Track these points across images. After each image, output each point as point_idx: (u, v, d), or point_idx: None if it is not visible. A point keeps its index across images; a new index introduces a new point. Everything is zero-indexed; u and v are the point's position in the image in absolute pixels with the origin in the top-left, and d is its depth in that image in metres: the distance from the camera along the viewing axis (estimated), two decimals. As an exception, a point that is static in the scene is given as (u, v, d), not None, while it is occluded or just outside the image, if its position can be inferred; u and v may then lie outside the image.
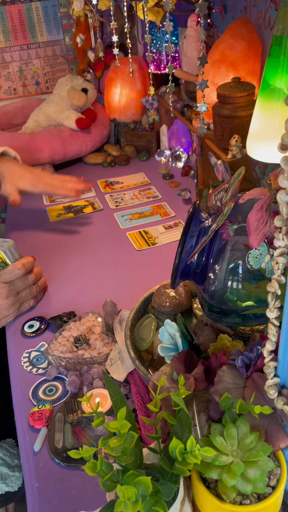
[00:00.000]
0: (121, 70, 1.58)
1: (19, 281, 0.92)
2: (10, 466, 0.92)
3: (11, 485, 0.91)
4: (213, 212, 0.64)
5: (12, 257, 0.93)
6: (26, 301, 0.95)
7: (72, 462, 0.67)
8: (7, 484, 0.91)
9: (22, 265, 0.92)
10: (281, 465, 0.49)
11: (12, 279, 0.91)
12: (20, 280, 0.92)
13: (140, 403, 0.71)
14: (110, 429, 0.45)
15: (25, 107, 1.70)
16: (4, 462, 0.92)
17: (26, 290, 0.94)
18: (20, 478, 0.92)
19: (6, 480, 0.91)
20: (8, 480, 0.91)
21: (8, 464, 0.92)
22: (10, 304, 0.91)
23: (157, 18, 1.10)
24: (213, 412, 0.52)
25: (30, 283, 0.94)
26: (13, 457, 0.94)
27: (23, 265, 0.92)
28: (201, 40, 0.57)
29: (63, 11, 1.73)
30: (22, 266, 0.92)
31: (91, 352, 0.82)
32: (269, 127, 0.75)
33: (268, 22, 1.07)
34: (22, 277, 0.92)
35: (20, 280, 0.92)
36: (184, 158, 1.47)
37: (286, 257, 0.43)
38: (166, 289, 0.79)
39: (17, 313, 0.94)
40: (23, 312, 0.96)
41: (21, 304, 0.94)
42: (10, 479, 0.91)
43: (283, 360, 0.48)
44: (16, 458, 0.94)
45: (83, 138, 1.55)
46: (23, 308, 0.95)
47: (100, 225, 1.25)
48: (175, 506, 0.47)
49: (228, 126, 0.99)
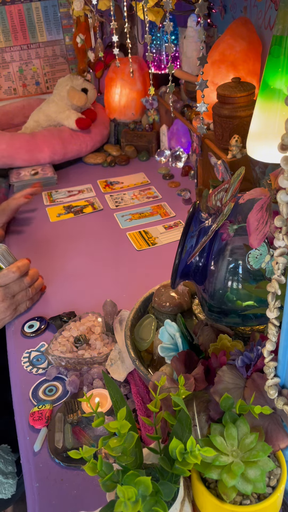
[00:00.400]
0: (121, 70, 1.58)
1: (14, 284, 0.92)
2: (3, 473, 0.91)
3: (4, 492, 0.90)
4: (213, 212, 0.64)
5: (5, 261, 0.93)
6: (22, 303, 0.96)
7: (72, 462, 0.67)
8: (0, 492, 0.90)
9: (17, 268, 0.92)
10: (281, 465, 0.49)
11: (7, 282, 0.91)
12: (15, 283, 0.93)
13: (140, 403, 0.71)
14: (110, 429, 0.45)
15: (25, 107, 1.70)
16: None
17: (22, 292, 0.95)
18: (13, 485, 0.91)
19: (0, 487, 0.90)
20: (1, 487, 0.90)
21: (2, 471, 0.91)
22: (6, 307, 0.91)
23: (157, 18, 1.10)
24: (213, 412, 0.52)
25: (25, 285, 0.95)
26: (7, 463, 0.93)
27: (17, 268, 0.93)
28: (201, 40, 0.57)
29: (63, 11, 1.73)
30: (17, 269, 0.92)
31: (91, 352, 0.82)
32: (269, 127, 0.75)
33: (268, 22, 1.07)
34: (18, 280, 0.93)
35: (15, 283, 0.93)
36: (184, 158, 1.47)
37: (286, 257, 0.43)
38: (166, 289, 0.79)
39: (13, 316, 0.94)
40: (20, 314, 0.96)
41: (17, 306, 0.95)
42: (4, 486, 0.90)
43: (283, 360, 0.48)
44: (10, 464, 0.93)
45: (83, 138, 1.55)
46: (19, 310, 0.96)
47: (100, 225, 1.25)
48: (175, 506, 0.47)
49: (228, 126, 0.99)
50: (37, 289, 0.98)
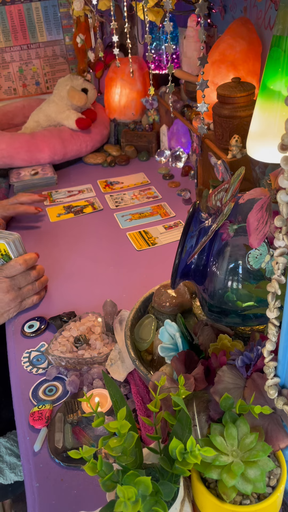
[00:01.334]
0: (121, 70, 1.58)
1: (20, 277, 0.92)
2: (18, 456, 0.92)
3: (20, 474, 0.91)
4: (213, 212, 0.64)
5: (16, 251, 0.93)
6: (29, 298, 0.95)
7: (72, 462, 0.67)
8: (16, 474, 0.90)
9: (24, 261, 0.92)
10: (281, 465, 0.49)
11: (14, 274, 0.91)
12: (21, 275, 0.92)
13: (140, 403, 0.71)
14: (110, 429, 0.45)
15: (25, 107, 1.70)
16: (12, 452, 0.92)
17: (28, 286, 0.94)
18: None
19: (15, 469, 0.90)
20: (17, 470, 0.90)
21: (16, 454, 0.92)
22: (11, 299, 0.91)
23: (157, 18, 1.10)
24: (213, 412, 0.52)
25: (32, 279, 0.94)
26: None
27: (24, 261, 0.92)
28: (201, 40, 0.57)
29: (63, 11, 1.73)
30: (23, 262, 0.92)
31: (91, 352, 0.82)
32: (269, 127, 0.75)
33: (268, 22, 1.07)
34: (24, 272, 0.93)
35: (22, 276, 0.92)
36: (184, 158, 1.47)
37: (286, 257, 0.43)
38: (166, 289, 0.79)
39: (18, 309, 0.94)
40: (26, 308, 0.96)
41: (23, 300, 0.94)
42: (19, 468, 0.91)
43: (283, 360, 0.48)
44: None
45: (83, 138, 1.55)
46: (25, 304, 0.95)
47: (100, 225, 1.25)
48: (175, 506, 0.47)
49: (228, 126, 0.99)
50: (43, 284, 0.98)
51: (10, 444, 0.93)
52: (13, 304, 0.92)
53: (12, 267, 0.91)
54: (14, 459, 0.91)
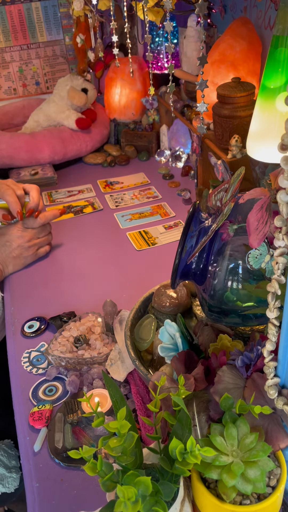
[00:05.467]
0: (121, 70, 1.58)
1: (43, 227, 1.10)
2: (7, 467, 0.92)
3: (7, 486, 0.90)
4: (213, 212, 0.64)
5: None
6: (42, 247, 1.11)
7: (72, 462, 0.67)
8: (3, 485, 0.90)
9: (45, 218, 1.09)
10: (281, 465, 0.49)
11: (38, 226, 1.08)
12: (44, 227, 1.10)
13: (140, 403, 0.71)
14: (110, 429, 0.45)
15: (25, 107, 1.70)
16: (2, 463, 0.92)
17: (45, 236, 1.11)
18: (17, 480, 0.92)
19: (3, 481, 0.90)
20: (5, 481, 0.90)
21: (5, 465, 0.92)
22: (29, 246, 1.07)
23: (157, 18, 1.10)
24: (213, 412, 0.52)
25: (49, 230, 1.12)
26: (11, 458, 0.94)
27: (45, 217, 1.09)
28: (201, 40, 0.57)
29: (63, 11, 1.73)
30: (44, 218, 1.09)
31: (91, 352, 0.82)
32: (269, 127, 0.75)
33: (268, 22, 1.07)
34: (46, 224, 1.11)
35: (44, 227, 1.10)
36: (184, 158, 1.47)
37: (286, 257, 0.43)
38: (166, 289, 0.79)
39: (35, 257, 1.09)
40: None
41: (39, 248, 1.10)
42: (7, 480, 0.90)
43: (283, 360, 0.48)
44: (13, 459, 0.94)
45: (83, 138, 1.55)
46: (40, 253, 1.10)
47: (100, 225, 1.25)
48: (175, 506, 0.47)
49: (228, 126, 0.99)
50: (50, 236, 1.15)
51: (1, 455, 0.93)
52: (31, 251, 1.08)
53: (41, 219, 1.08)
54: (3, 470, 0.91)
